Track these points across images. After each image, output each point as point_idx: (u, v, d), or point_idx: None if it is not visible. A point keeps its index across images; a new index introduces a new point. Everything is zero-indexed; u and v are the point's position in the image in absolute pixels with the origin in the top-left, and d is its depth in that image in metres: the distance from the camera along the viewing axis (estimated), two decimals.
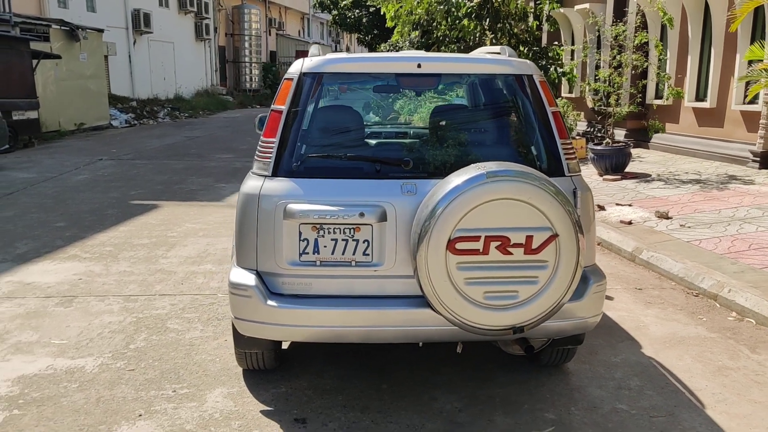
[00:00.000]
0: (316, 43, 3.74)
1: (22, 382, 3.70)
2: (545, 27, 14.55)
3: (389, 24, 14.67)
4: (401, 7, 13.95)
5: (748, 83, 8.12)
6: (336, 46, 56.15)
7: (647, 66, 10.33)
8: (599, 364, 3.99)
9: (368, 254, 3.02)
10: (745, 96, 8.15)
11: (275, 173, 3.07)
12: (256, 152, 3.18)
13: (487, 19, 12.92)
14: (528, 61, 3.27)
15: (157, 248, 6.44)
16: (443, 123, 3.28)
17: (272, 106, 3.18)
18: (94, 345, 4.21)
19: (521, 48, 12.89)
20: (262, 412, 3.42)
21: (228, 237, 6.84)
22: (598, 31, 12.98)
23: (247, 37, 34.45)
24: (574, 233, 2.79)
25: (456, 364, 3.89)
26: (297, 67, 3.19)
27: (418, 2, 13.48)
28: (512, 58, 3.25)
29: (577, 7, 13.94)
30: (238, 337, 3.49)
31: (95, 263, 5.93)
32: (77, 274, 5.61)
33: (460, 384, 3.70)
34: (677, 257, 5.72)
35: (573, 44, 14.91)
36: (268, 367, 3.75)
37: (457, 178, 2.77)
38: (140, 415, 3.38)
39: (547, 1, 13.33)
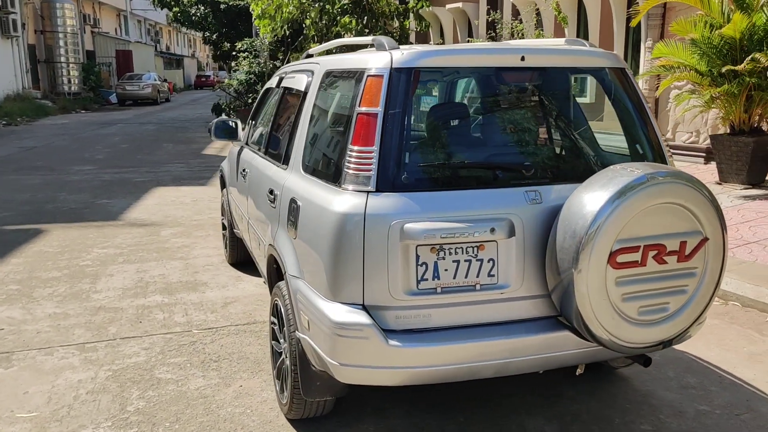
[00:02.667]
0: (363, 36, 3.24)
1: None
2: (413, 25, 14.65)
3: (257, 23, 13.96)
4: (269, 3, 13.29)
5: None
6: (156, 46, 52.93)
7: None
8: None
9: (493, 275, 2.63)
10: (656, 89, 8.76)
11: (380, 188, 2.56)
12: (347, 164, 2.63)
13: (365, 17, 12.71)
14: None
15: (77, 281, 5.40)
16: (551, 121, 2.97)
17: (359, 108, 2.66)
18: (79, 413, 3.35)
19: None
20: None
21: (156, 261, 5.96)
22: (470, 29, 13.31)
23: (61, 35, 31.16)
24: (722, 235, 2.62)
25: (518, 386, 3.60)
26: (383, 61, 2.69)
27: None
28: (605, 50, 3.01)
29: (448, 6, 14.16)
30: (308, 385, 2.93)
31: (8, 307, 4.82)
32: None
33: (535, 405, 3.42)
34: None
35: (443, 43, 15.19)
36: (326, 413, 3.20)
37: (611, 183, 2.47)
38: None
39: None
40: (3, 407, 3.41)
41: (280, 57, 19.25)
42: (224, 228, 6.00)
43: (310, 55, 4.21)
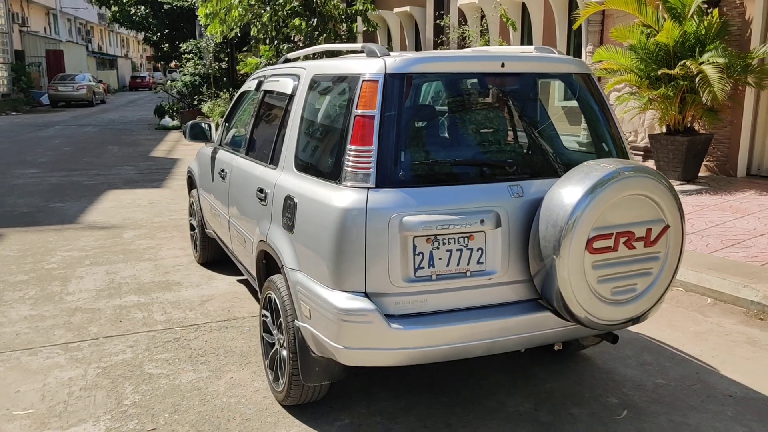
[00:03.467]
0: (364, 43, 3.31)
1: None
2: (360, 28, 14.88)
3: (203, 21, 13.92)
4: (218, 4, 13.30)
5: None
6: (88, 46, 51.38)
7: None
8: (604, 345, 4.25)
9: (482, 262, 2.89)
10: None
11: (379, 184, 2.78)
12: (346, 163, 2.84)
13: (315, 19, 12.86)
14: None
15: (46, 284, 5.40)
16: (527, 122, 3.25)
17: (356, 110, 2.87)
18: (76, 408, 3.43)
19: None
20: None
21: (125, 263, 5.99)
22: (417, 32, 13.62)
23: None
24: (681, 223, 2.96)
25: (494, 369, 3.87)
26: (376, 67, 2.90)
27: (239, 1, 12.95)
28: (572, 57, 3.32)
29: (396, 9, 14.44)
30: (308, 371, 3.12)
31: None
32: None
33: (511, 385, 3.70)
34: None
35: (391, 47, 15.46)
36: (320, 398, 3.39)
37: (587, 178, 2.77)
38: None
39: (361, 2, 13.65)
40: None
41: (225, 59, 19.18)
42: (192, 228, 6.08)
43: (287, 60, 4.38)
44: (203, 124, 5.16)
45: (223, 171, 4.62)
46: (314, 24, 12.64)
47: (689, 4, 8.04)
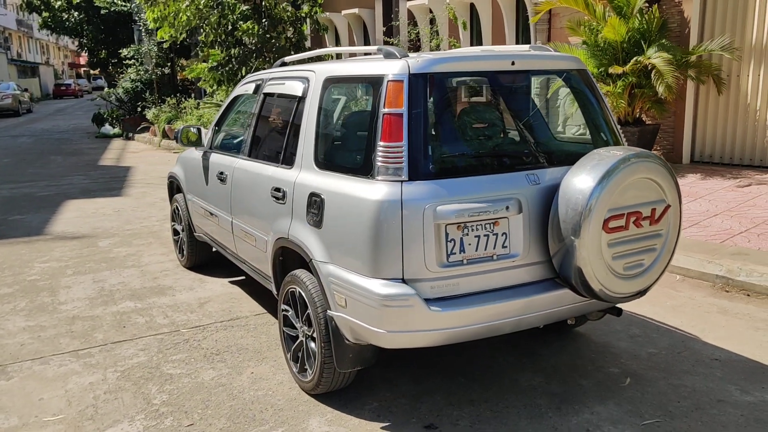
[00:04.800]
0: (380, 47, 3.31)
1: None
2: (309, 31, 14.97)
3: (152, 25, 13.74)
4: (166, 8, 13.16)
5: None
6: (7, 53, 49.26)
7: None
8: (594, 322, 4.56)
9: (506, 246, 3.12)
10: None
11: (411, 177, 2.97)
12: (378, 158, 3.01)
13: (265, 23, 12.90)
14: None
15: (35, 295, 5.32)
16: (533, 115, 3.49)
17: (384, 109, 3.05)
18: (107, 411, 3.48)
19: (292, 52, 13.13)
20: (383, 428, 3.27)
21: (110, 271, 5.96)
22: (366, 34, 13.82)
23: None
24: (679, 202, 3.27)
25: (497, 351, 4.10)
26: (400, 67, 3.08)
27: (187, 5, 12.85)
28: (570, 55, 3.59)
29: (344, 11, 14.56)
30: (342, 357, 3.27)
31: None
32: None
33: (518, 364, 3.94)
34: None
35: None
36: (348, 384, 3.55)
37: (601, 164, 3.03)
38: None
39: (308, 4, 13.76)
40: (25, 414, 3.47)
41: (168, 64, 18.86)
42: (176, 234, 6.09)
43: (284, 63, 4.51)
44: (193, 129, 5.21)
45: (222, 173, 4.69)
46: (265, 27, 12.66)
47: (633, 4, 8.55)
